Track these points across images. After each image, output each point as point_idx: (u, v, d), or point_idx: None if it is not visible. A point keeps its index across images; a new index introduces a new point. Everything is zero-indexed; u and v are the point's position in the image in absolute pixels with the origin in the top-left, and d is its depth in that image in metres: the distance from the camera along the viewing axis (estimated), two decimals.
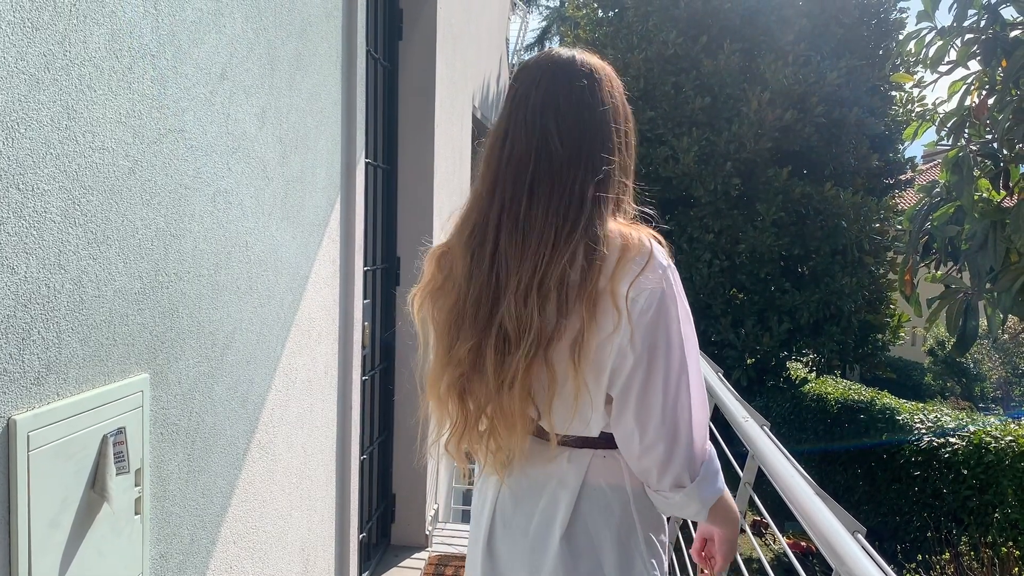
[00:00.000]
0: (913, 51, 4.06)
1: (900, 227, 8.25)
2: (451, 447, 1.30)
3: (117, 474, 1.23)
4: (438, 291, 1.28)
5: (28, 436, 1.04)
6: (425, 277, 1.33)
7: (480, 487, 1.39)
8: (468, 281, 1.21)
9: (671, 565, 3.01)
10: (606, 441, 1.25)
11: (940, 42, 3.92)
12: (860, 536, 1.42)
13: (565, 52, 1.25)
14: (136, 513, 1.30)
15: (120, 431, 1.24)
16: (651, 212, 1.29)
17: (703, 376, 1.27)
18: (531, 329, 1.14)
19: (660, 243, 1.19)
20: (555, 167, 1.18)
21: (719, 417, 2.77)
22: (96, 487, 1.18)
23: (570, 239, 1.15)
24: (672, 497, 1.21)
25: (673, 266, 1.19)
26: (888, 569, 1.31)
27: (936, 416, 8.49)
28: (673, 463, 1.18)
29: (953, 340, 3.91)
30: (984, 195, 3.87)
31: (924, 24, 3.99)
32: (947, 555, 6.38)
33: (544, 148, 1.19)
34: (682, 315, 1.18)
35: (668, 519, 1.36)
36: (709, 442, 1.25)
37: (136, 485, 1.30)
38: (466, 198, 1.30)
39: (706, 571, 1.42)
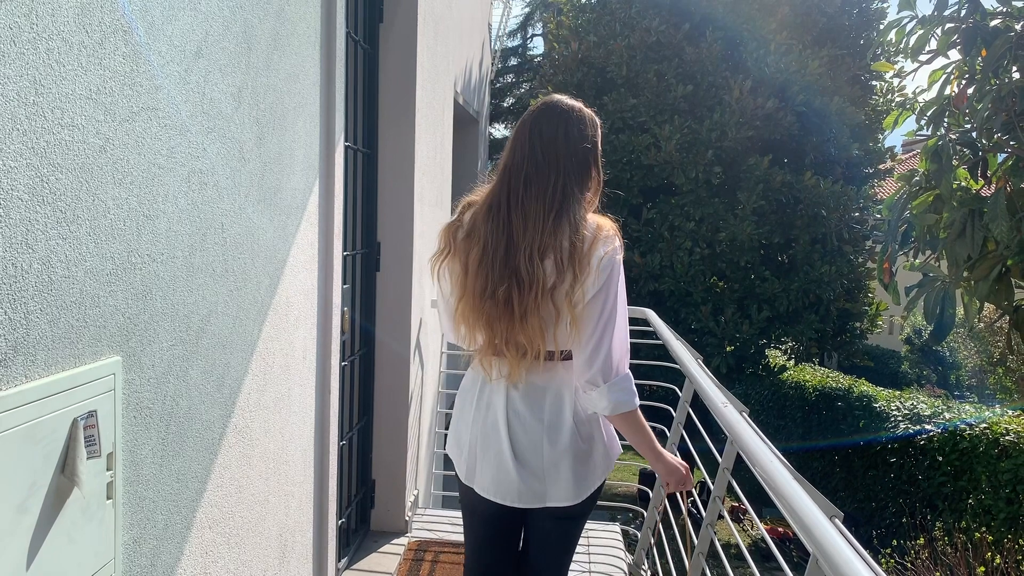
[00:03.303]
0: (894, 40, 4.07)
1: (879, 216, 8.31)
2: (484, 362, 1.84)
3: (88, 458, 1.20)
4: (465, 241, 1.79)
5: None
6: (452, 232, 1.84)
7: (480, 391, 1.91)
8: (491, 240, 1.74)
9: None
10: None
11: (921, 31, 3.94)
12: (837, 521, 1.43)
13: (563, 99, 1.82)
14: (108, 498, 1.28)
15: (91, 414, 1.22)
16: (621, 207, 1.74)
17: (627, 327, 1.85)
18: (536, 280, 1.69)
19: (617, 230, 1.78)
20: (539, 171, 1.75)
21: (698, 404, 2.78)
22: (66, 471, 1.16)
23: (557, 221, 1.71)
24: (590, 393, 1.75)
25: (621, 246, 1.77)
26: (865, 553, 1.32)
27: (912, 404, 8.60)
28: (594, 365, 1.72)
29: (930, 328, 3.94)
30: (962, 184, 3.90)
31: (905, 13, 4.01)
32: (922, 540, 6.47)
33: (532, 158, 1.75)
34: (621, 278, 1.77)
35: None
36: (629, 371, 1.79)
37: (108, 469, 1.28)
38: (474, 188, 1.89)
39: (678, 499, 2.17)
